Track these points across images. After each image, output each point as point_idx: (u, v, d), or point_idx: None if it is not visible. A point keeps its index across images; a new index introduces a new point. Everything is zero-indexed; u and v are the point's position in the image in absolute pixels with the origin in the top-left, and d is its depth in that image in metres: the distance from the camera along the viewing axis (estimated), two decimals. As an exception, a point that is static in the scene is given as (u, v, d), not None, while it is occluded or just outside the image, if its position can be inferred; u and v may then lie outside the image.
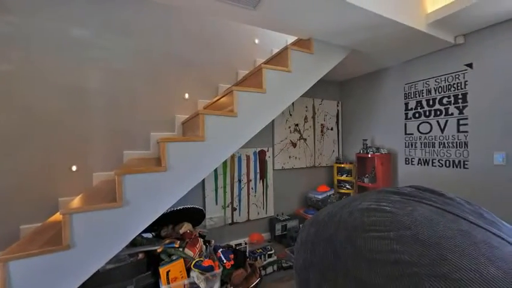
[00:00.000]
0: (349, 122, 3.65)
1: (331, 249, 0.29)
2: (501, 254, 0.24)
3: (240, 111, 1.86)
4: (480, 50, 2.17)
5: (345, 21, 1.82)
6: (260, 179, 3.06)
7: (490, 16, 1.94)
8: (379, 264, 0.24)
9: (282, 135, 3.22)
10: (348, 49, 2.34)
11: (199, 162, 1.70)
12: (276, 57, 2.30)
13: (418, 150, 2.70)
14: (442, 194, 0.32)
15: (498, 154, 2.06)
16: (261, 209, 3.06)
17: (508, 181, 2.00)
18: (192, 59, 2.65)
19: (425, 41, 2.21)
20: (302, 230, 0.38)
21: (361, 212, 0.30)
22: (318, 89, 3.38)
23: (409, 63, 2.77)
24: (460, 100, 2.32)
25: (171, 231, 2.12)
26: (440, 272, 0.22)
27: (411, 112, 2.77)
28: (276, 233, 2.95)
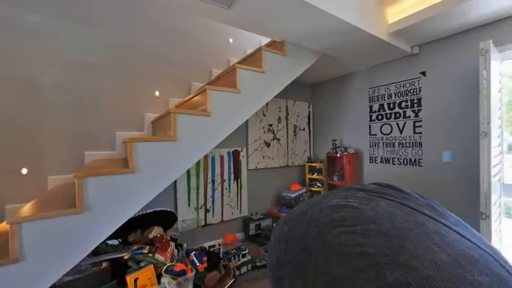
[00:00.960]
0: (319, 123, 3.81)
1: (303, 246, 0.30)
2: (449, 241, 0.27)
3: (214, 111, 1.83)
4: (432, 60, 2.43)
5: (317, 26, 1.90)
6: (234, 179, 3.04)
7: (440, 30, 2.18)
8: (346, 257, 0.26)
9: (256, 136, 3.25)
10: (318, 53, 2.44)
11: (170, 163, 1.63)
12: (250, 58, 2.31)
13: (381, 150, 2.92)
14: (401, 190, 0.35)
15: (446, 153, 2.33)
16: (235, 209, 3.05)
17: (454, 177, 2.26)
18: (164, 55, 2.54)
19: (387, 49, 2.40)
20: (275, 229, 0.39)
21: (331, 209, 0.32)
22: (291, 90, 3.47)
23: (373, 69, 2.98)
24: (416, 104, 2.57)
25: (139, 237, 2.00)
26: (399, 261, 0.24)
27: (375, 114, 2.99)
28: (250, 233, 2.96)
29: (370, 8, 2.04)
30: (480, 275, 0.24)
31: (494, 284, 0.24)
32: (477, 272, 0.25)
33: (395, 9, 2.15)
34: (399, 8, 2.13)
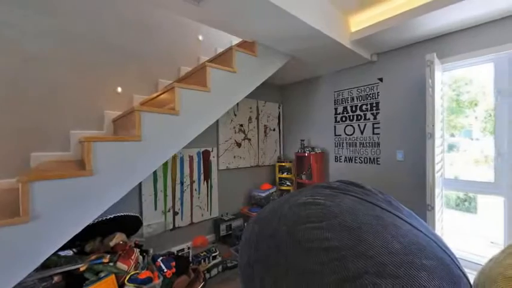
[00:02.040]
0: (289, 124, 3.93)
1: (274, 244, 0.31)
2: (402, 232, 0.30)
3: (183, 110, 1.76)
4: (388, 67, 2.67)
5: (286, 29, 1.95)
6: (204, 179, 2.97)
7: (394, 41, 2.41)
8: (314, 252, 0.27)
9: (226, 135, 3.22)
10: (288, 55, 2.51)
11: (134, 164, 1.53)
12: (221, 57, 2.28)
13: (345, 150, 3.12)
14: (362, 186, 0.38)
15: (399, 152, 2.58)
16: (205, 210, 2.99)
17: (406, 173, 2.53)
18: (129, 49, 2.37)
19: (349, 55, 2.58)
20: (246, 229, 0.39)
21: (299, 207, 0.33)
22: (262, 91, 3.51)
23: (338, 73, 3.18)
24: (374, 108, 2.81)
25: (98, 245, 1.84)
26: (360, 252, 0.26)
27: (339, 116, 3.18)
28: (220, 234, 2.92)
29: (335, 16, 2.17)
30: (427, 259, 0.28)
31: (437, 266, 0.28)
32: (424, 257, 0.28)
33: (356, 19, 2.32)
34: (360, 18, 2.30)
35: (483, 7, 1.79)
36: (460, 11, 1.84)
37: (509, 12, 1.86)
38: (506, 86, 1.98)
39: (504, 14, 1.88)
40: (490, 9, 1.82)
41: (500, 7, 1.79)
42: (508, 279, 0.38)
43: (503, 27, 1.93)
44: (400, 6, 2.01)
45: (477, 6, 1.77)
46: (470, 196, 3.34)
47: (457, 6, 1.75)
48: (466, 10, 1.82)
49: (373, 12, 2.19)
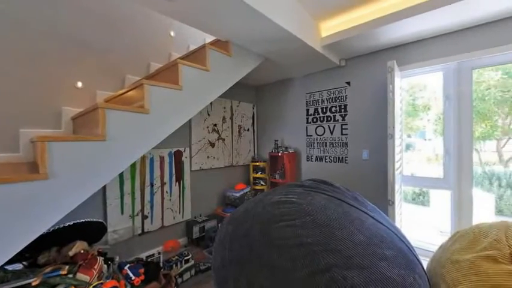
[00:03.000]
0: (263, 124, 3.98)
1: (247, 243, 0.31)
2: (366, 225, 0.33)
3: (153, 108, 1.68)
4: (355, 72, 2.85)
5: (260, 31, 1.97)
6: (176, 181, 2.87)
7: (360, 48, 2.57)
8: (287, 249, 0.28)
9: (200, 135, 3.15)
10: (262, 57, 2.54)
11: (97, 166, 1.41)
12: (194, 54, 2.22)
13: (316, 149, 3.26)
14: (332, 184, 0.40)
15: (364, 151, 2.77)
16: (177, 213, 2.88)
17: (370, 171, 2.72)
18: (92, 41, 2.18)
19: (320, 59, 2.70)
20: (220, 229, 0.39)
21: (273, 205, 0.34)
22: (236, 91, 3.51)
23: (309, 76, 3.30)
24: (343, 110, 2.97)
25: (54, 256, 1.66)
26: (330, 247, 0.28)
27: (311, 117, 3.31)
28: (193, 236, 2.84)
29: (307, 21, 2.25)
30: (387, 249, 0.30)
31: (397, 255, 0.31)
32: (385, 247, 0.31)
33: (327, 24, 2.44)
34: (330, 24, 2.42)
35: (433, 22, 2.00)
36: (414, 25, 2.03)
37: (453, 29, 2.11)
38: (452, 93, 2.24)
39: (450, 29, 2.13)
40: (439, 25, 2.05)
41: (447, 23, 2.02)
42: (453, 263, 0.43)
43: (451, 41, 2.18)
44: (366, 16, 2.16)
45: (428, 22, 1.98)
46: (424, 191, 3.72)
47: (411, 20, 1.93)
48: (419, 24, 2.02)
49: (342, 19, 2.32)
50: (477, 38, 2.05)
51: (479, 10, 1.82)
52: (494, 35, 1.98)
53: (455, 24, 2.04)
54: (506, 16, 1.90)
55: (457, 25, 2.06)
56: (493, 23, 1.98)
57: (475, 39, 2.06)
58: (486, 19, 1.96)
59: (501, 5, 1.75)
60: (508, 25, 1.92)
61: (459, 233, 0.55)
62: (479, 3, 1.72)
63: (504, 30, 1.94)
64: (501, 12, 1.86)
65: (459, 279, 0.39)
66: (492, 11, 1.83)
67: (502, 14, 1.88)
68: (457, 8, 1.78)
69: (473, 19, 1.96)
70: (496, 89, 3.30)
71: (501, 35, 1.95)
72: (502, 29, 1.95)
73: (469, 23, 2.02)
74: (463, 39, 2.12)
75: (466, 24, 2.04)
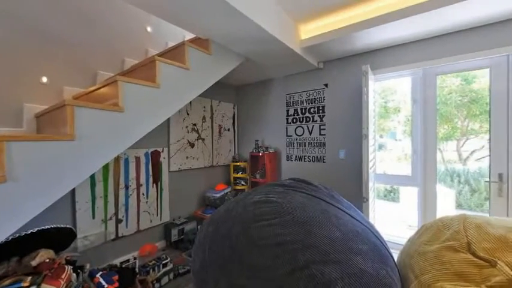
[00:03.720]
0: (243, 124, 3.97)
1: (228, 244, 0.31)
2: (343, 222, 0.34)
3: (128, 106, 1.60)
4: (333, 75, 2.96)
5: (240, 30, 1.97)
6: (153, 182, 2.76)
7: (337, 52, 2.68)
8: (267, 248, 0.28)
9: (178, 135, 3.06)
10: (243, 57, 2.54)
11: (65, 168, 1.32)
12: (173, 51, 2.16)
13: (295, 149, 3.33)
14: (310, 183, 0.42)
15: (341, 151, 2.89)
16: (155, 215, 2.78)
17: (347, 170, 2.84)
18: (59, 33, 2.02)
19: (300, 61, 2.76)
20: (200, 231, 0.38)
21: (253, 205, 0.34)
22: (216, 90, 3.46)
23: (289, 77, 3.36)
24: (321, 111, 3.07)
25: (15, 266, 1.51)
26: (308, 244, 0.28)
27: (290, 118, 3.37)
28: (172, 239, 2.76)
29: (286, 23, 2.28)
30: (362, 244, 0.32)
31: (370, 250, 0.33)
32: (360, 242, 0.32)
33: (306, 27, 2.50)
34: (309, 27, 2.48)
35: (403, 30, 2.14)
36: (386, 32, 2.16)
37: (421, 37, 2.28)
38: (419, 96, 2.42)
39: (418, 38, 2.29)
40: (409, 33, 2.20)
41: (415, 32, 2.17)
42: (420, 254, 0.46)
43: (418, 48, 2.35)
44: (343, 21, 2.25)
45: (399, 29, 2.11)
46: (395, 188, 3.96)
47: (383, 27, 2.05)
48: (390, 32, 2.15)
49: (320, 23, 2.40)
50: (441, 47, 2.24)
51: (444, 21, 1.98)
52: (456, 45, 2.17)
53: (423, 33, 2.20)
54: (467, 27, 2.10)
55: (424, 34, 2.22)
56: (456, 33, 2.17)
57: (439, 48, 2.24)
58: (449, 29, 2.14)
59: (463, 17, 1.93)
60: (468, 36, 2.12)
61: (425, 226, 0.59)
62: (445, 15, 1.87)
63: (465, 40, 2.13)
64: (462, 24, 2.04)
65: (426, 268, 0.43)
66: (455, 22, 2.01)
67: (464, 25, 2.06)
68: (424, 18, 1.92)
69: (438, 29, 2.13)
70: (456, 94, 3.62)
71: (462, 44, 2.14)
72: (463, 39, 2.14)
73: (435, 32, 2.19)
74: (429, 47, 2.29)
75: (432, 33, 2.21)
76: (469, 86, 3.47)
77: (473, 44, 2.09)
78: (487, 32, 2.03)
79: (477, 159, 3.63)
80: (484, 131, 3.29)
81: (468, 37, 2.11)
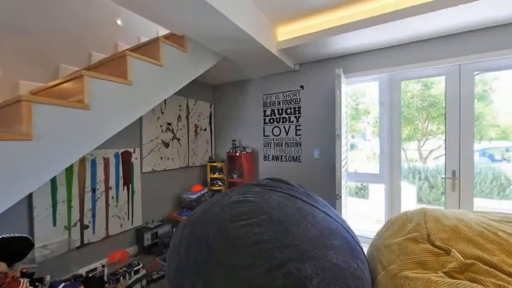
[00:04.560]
0: (221, 124, 3.93)
1: (205, 245, 0.30)
2: (318, 219, 0.35)
3: (95, 104, 1.50)
4: (308, 77, 3.05)
5: (217, 28, 1.94)
6: (124, 184, 2.61)
7: (312, 54, 2.77)
8: (245, 247, 0.28)
9: (152, 135, 2.93)
10: (220, 56, 2.50)
11: (19, 170, 1.19)
12: (145, 47, 2.06)
13: (272, 149, 3.37)
14: (287, 182, 0.43)
15: (316, 151, 2.99)
16: (126, 220, 2.62)
17: (321, 169, 2.95)
18: (13, 22, 1.81)
19: (276, 62, 2.80)
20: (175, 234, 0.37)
21: (230, 206, 0.34)
22: (192, 89, 3.37)
23: (267, 78, 3.40)
24: (297, 111, 3.15)
25: (-43, 284, 1.33)
26: (285, 242, 0.29)
27: (268, 118, 3.41)
28: (145, 244, 2.63)
29: (264, 24, 2.31)
30: (335, 240, 0.34)
31: (343, 245, 0.34)
32: (333, 238, 0.34)
33: (283, 29, 2.55)
34: (285, 30, 2.54)
35: (372, 37, 2.28)
36: (356, 38, 2.28)
37: (388, 44, 2.45)
38: (386, 100, 2.60)
39: (385, 45, 2.46)
40: (377, 40, 2.35)
41: (383, 39, 2.33)
42: (387, 246, 0.50)
43: (385, 55, 2.53)
44: (318, 25, 2.33)
45: (368, 36, 2.25)
46: (365, 185, 4.21)
47: (354, 33, 2.17)
48: (360, 38, 2.29)
49: (296, 26, 2.46)
50: (405, 54, 2.43)
51: (409, 30, 2.15)
52: (417, 53, 2.37)
53: (389, 40, 2.37)
54: (427, 38, 2.30)
55: (391, 42, 2.40)
56: (418, 43, 2.36)
57: (404, 55, 2.43)
58: (413, 39, 2.33)
59: (424, 28, 2.11)
60: (427, 46, 2.32)
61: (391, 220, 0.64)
62: (409, 24, 2.03)
63: (425, 49, 2.33)
64: (423, 34, 2.23)
65: (391, 259, 0.46)
66: (418, 32, 2.19)
67: (424, 35, 2.26)
68: (391, 27, 2.07)
69: (403, 38, 2.30)
70: (417, 98, 3.95)
71: (422, 53, 2.35)
72: (423, 48, 2.34)
73: (400, 40, 2.37)
74: (395, 54, 2.48)
75: (397, 41, 2.38)
76: (428, 91, 3.81)
77: (432, 53, 2.30)
78: (443, 43, 2.25)
79: (435, 157, 4.01)
80: (441, 132, 3.63)
81: (427, 47, 2.32)
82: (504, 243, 0.49)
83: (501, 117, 3.38)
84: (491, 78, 3.12)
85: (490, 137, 3.55)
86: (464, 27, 2.08)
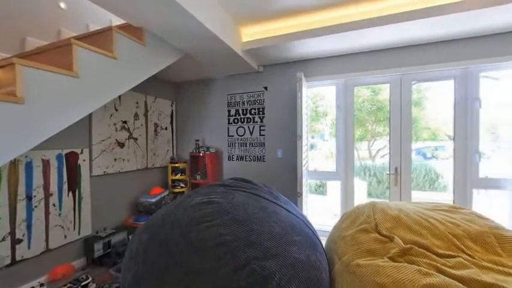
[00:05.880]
0: (183, 123, 3.77)
1: (166, 251, 0.29)
2: (281, 217, 0.37)
3: (31, 97, 1.29)
4: (272, 79, 3.13)
5: (179, 23, 1.85)
6: (69, 190, 2.31)
7: (276, 57, 2.85)
8: (209, 250, 0.28)
9: (104, 134, 2.65)
10: (182, 52, 2.40)
11: None
12: (96, 36, 1.86)
13: (237, 149, 3.37)
14: (251, 182, 0.43)
15: (279, 150, 3.09)
16: (71, 230, 2.33)
17: (284, 168, 3.06)
18: None
19: (241, 62, 2.81)
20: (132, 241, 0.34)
21: (194, 208, 0.33)
22: (152, 85, 3.17)
23: (231, 78, 3.38)
24: (261, 112, 3.21)
25: None
26: (249, 241, 0.29)
27: (232, 118, 3.40)
28: (95, 255, 2.37)
29: (228, 23, 2.29)
30: (297, 236, 0.35)
31: (304, 240, 0.36)
32: (295, 234, 0.35)
33: (247, 30, 2.56)
34: (249, 31, 2.56)
35: (329, 45, 2.46)
36: (315, 45, 2.44)
37: (343, 52, 2.67)
38: (341, 103, 2.83)
39: (341, 52, 2.67)
40: (334, 47, 2.54)
41: (339, 47, 2.53)
42: (341, 238, 0.54)
43: (341, 62, 2.74)
44: (281, 29, 2.41)
45: (326, 44, 2.42)
46: (323, 182, 4.51)
47: (313, 40, 2.31)
48: (319, 45, 2.44)
49: (260, 28, 2.50)
50: (358, 62, 2.67)
51: (362, 41, 2.37)
52: (367, 62, 2.63)
53: (345, 49, 2.58)
54: (378, 49, 2.57)
55: (346, 50, 2.61)
56: (369, 52, 2.62)
57: (357, 63, 2.68)
58: (365, 48, 2.57)
59: (376, 40, 2.35)
60: (375, 56, 2.59)
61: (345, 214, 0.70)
62: (362, 36, 2.24)
63: (373, 59, 2.61)
64: (372, 45, 2.49)
65: (345, 250, 0.50)
66: (370, 43, 2.43)
67: (372, 46, 2.52)
68: (346, 37, 2.25)
69: (357, 47, 2.53)
70: (368, 102, 4.39)
71: (371, 62, 2.61)
72: (371, 58, 2.61)
73: (354, 49, 2.59)
74: (349, 62, 2.71)
75: (351, 50, 2.61)
76: (376, 97, 4.27)
77: (380, 63, 2.58)
78: (389, 55, 2.54)
79: (381, 156, 4.51)
80: (386, 134, 4.10)
81: (376, 57, 2.60)
82: (434, 228, 0.57)
83: (431, 121, 3.99)
84: (425, 87, 3.65)
85: (423, 137, 4.16)
86: (405, 42, 2.39)
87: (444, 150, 4.20)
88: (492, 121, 2.58)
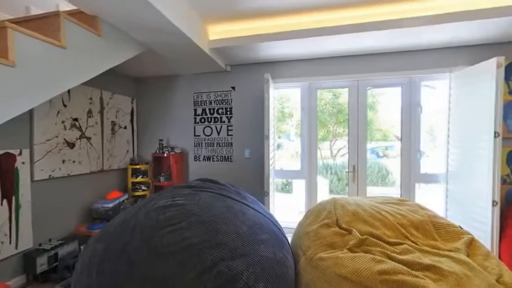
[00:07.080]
0: (145, 122, 3.53)
1: (125, 260, 0.27)
2: (248, 216, 0.37)
3: (-50, 88, 1.08)
4: (239, 79, 3.13)
5: (138, 13, 1.73)
6: (4, 197, 1.98)
7: (243, 57, 2.85)
8: (173, 255, 0.26)
9: (50, 133, 2.34)
10: (144, 46, 2.24)
11: None
12: (39, 21, 1.63)
13: (204, 149, 3.29)
14: (217, 182, 0.42)
15: (247, 150, 3.11)
16: (6, 243, 2.00)
17: (252, 168, 3.08)
18: None
19: (208, 61, 2.74)
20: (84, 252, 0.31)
21: (158, 211, 0.31)
22: (109, 80, 2.90)
23: (198, 76, 3.28)
24: (229, 112, 3.19)
25: None
26: (215, 241, 0.29)
27: (198, 117, 3.30)
28: (38, 271, 2.08)
29: (194, 19, 2.21)
30: (264, 234, 0.36)
31: (271, 238, 0.37)
32: (263, 232, 0.36)
33: (214, 29, 2.52)
34: (216, 29, 2.52)
35: (294, 49, 2.56)
36: (280, 48, 2.51)
37: (307, 57, 2.80)
38: (306, 105, 2.97)
39: (306, 57, 2.80)
40: (298, 52, 2.65)
41: (303, 52, 2.65)
42: (305, 234, 0.57)
43: (305, 66, 2.88)
44: (248, 30, 2.42)
45: (291, 48, 2.51)
46: (289, 181, 4.67)
47: (279, 43, 2.39)
48: (284, 49, 2.53)
49: (227, 28, 2.48)
50: (321, 67, 2.83)
51: (322, 46, 2.51)
52: (329, 67, 2.81)
53: (309, 54, 2.71)
54: (338, 55, 2.75)
55: (310, 55, 2.75)
56: (331, 58, 2.80)
57: (320, 68, 2.84)
58: (327, 54, 2.74)
59: (337, 47, 2.51)
60: (335, 62, 2.78)
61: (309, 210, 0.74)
62: (324, 42, 2.38)
63: (333, 65, 2.79)
64: (333, 52, 2.66)
65: (309, 245, 0.53)
66: (332, 49, 2.59)
67: (333, 53, 2.70)
68: (310, 42, 2.37)
69: (320, 52, 2.68)
70: (329, 105, 4.69)
71: (333, 67, 2.80)
72: (334, 63, 2.79)
73: (317, 54, 2.74)
74: (312, 66, 2.86)
75: (315, 55, 2.76)
76: (337, 100, 4.58)
77: (339, 69, 2.78)
78: (348, 62, 2.75)
79: (341, 155, 4.86)
80: (345, 134, 4.43)
81: (337, 63, 2.79)
82: (385, 219, 0.64)
83: (383, 123, 4.44)
84: (378, 93, 4.04)
85: (376, 138, 4.60)
86: (360, 50, 2.61)
87: (393, 149, 4.71)
88: (431, 124, 2.98)
